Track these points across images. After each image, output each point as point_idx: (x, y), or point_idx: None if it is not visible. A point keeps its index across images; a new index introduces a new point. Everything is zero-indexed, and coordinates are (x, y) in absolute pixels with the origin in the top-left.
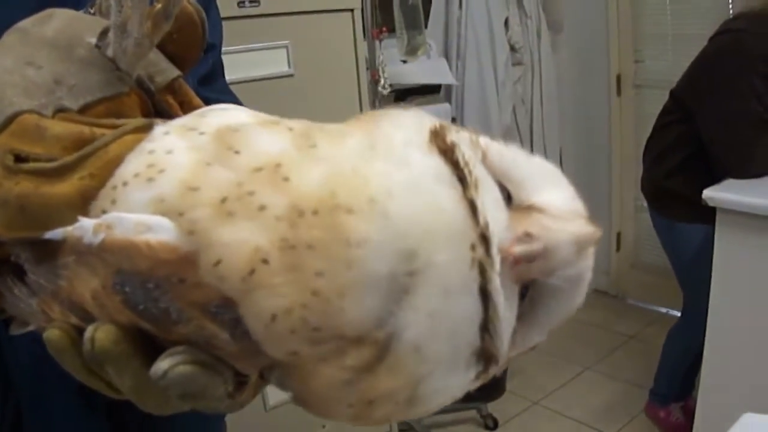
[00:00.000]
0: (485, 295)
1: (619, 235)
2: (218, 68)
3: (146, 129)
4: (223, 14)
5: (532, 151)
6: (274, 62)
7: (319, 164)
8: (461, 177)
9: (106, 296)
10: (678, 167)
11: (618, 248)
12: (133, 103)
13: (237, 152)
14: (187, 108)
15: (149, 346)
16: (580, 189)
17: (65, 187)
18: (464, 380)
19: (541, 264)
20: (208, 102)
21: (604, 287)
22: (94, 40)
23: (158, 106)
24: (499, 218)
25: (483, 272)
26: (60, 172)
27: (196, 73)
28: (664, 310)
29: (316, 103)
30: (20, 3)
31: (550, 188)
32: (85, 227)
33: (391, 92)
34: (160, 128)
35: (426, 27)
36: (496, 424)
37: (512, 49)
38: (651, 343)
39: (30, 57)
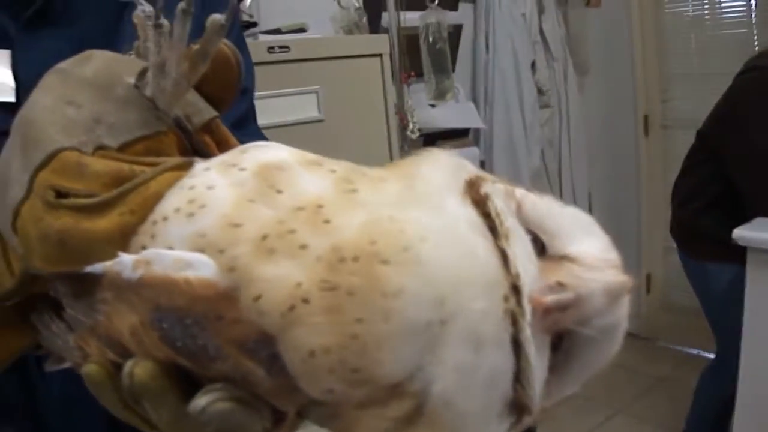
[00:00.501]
0: (517, 345)
1: (648, 276)
2: (251, 112)
3: (186, 167)
4: (253, 60)
5: (561, 193)
6: (305, 107)
7: (359, 210)
8: (492, 227)
9: (144, 332)
10: (707, 207)
11: (648, 290)
12: (171, 142)
13: (279, 191)
14: (223, 148)
15: (186, 382)
16: (608, 231)
17: (105, 223)
18: (499, 428)
19: (574, 313)
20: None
21: (634, 330)
22: (133, 80)
23: (196, 145)
24: (529, 269)
25: (515, 322)
26: (100, 208)
27: (230, 116)
28: (695, 351)
29: (346, 147)
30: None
31: (584, 238)
32: (125, 263)
33: (419, 136)
34: (201, 165)
35: (453, 71)
36: None
37: (539, 91)
38: (683, 386)
39: (70, 96)
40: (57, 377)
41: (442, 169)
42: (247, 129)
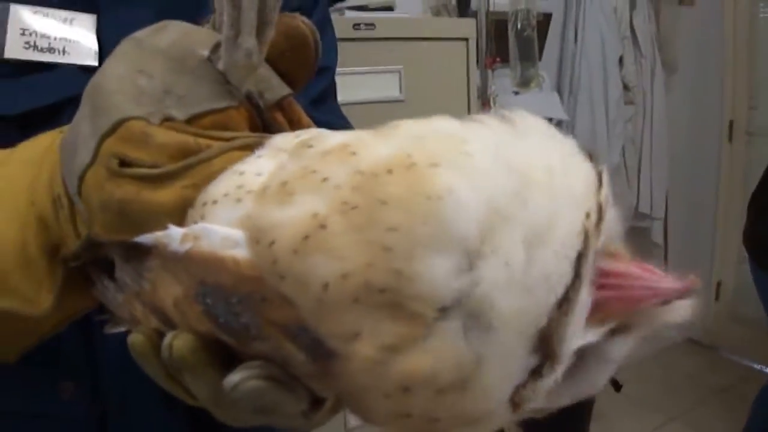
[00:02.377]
0: (578, 266)
1: (719, 284)
2: (331, 90)
3: (252, 147)
4: (338, 35)
5: (638, 192)
6: (386, 86)
7: (394, 139)
8: (591, 157)
9: (187, 305)
10: None
11: (717, 297)
12: (242, 118)
13: (310, 146)
14: (295, 126)
15: (227, 358)
16: (683, 234)
17: (167, 195)
18: (519, 369)
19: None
20: (318, 123)
21: (698, 337)
22: (206, 53)
23: (267, 122)
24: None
25: (586, 242)
26: (163, 180)
27: (308, 94)
28: (758, 366)
29: None
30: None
31: None
32: (173, 235)
33: None
34: (257, 151)
35: (540, 59)
36: None
37: (625, 87)
38: (742, 400)
39: (142, 66)
40: (116, 340)
41: (550, 129)
42: (326, 107)
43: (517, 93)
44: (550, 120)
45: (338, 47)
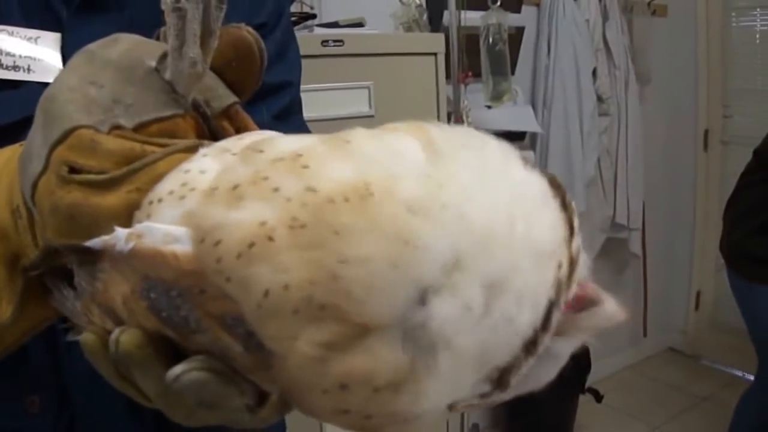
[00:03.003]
0: (548, 314)
1: (698, 294)
2: (295, 105)
3: (194, 150)
4: (306, 52)
5: (615, 203)
6: (356, 102)
7: (349, 159)
8: (564, 203)
9: (134, 301)
10: (759, 229)
11: (697, 307)
12: (188, 126)
13: (261, 151)
14: (243, 133)
15: (174, 355)
16: (661, 245)
17: (113, 199)
18: (471, 393)
19: (581, 320)
20: None
21: (679, 346)
22: (154, 63)
23: (214, 130)
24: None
25: (558, 292)
26: (109, 185)
27: (272, 108)
28: (740, 373)
29: None
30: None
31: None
32: (119, 236)
33: None
34: (202, 150)
35: (513, 73)
36: None
37: (599, 99)
38: (725, 407)
39: (93, 77)
40: (81, 352)
41: (477, 137)
42: (290, 121)
43: (489, 107)
44: (524, 134)
45: (307, 64)
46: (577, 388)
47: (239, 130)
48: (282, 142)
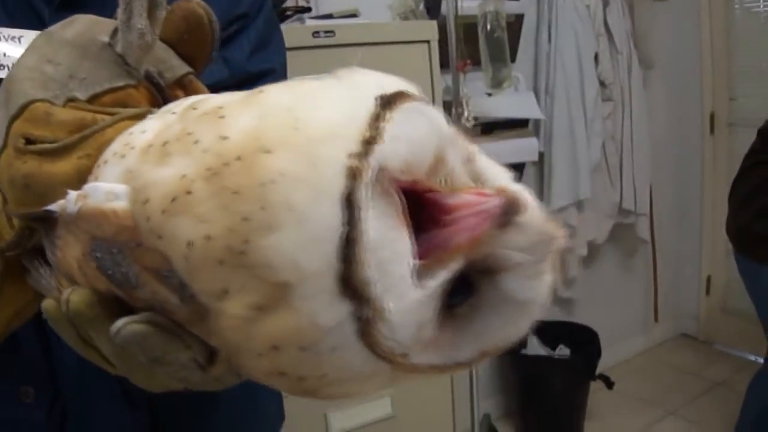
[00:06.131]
0: (350, 206)
1: (709, 278)
2: None
3: (142, 116)
4: (297, 44)
5: (621, 188)
6: None
7: (255, 106)
8: (388, 97)
9: (85, 263)
10: (765, 209)
11: (707, 292)
12: (141, 96)
13: (194, 109)
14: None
15: (127, 314)
16: (670, 230)
17: (65, 166)
18: (335, 314)
19: (500, 230)
20: None
21: (691, 332)
22: (107, 39)
23: (169, 100)
24: (423, 155)
25: (352, 178)
26: (61, 152)
27: None
28: (753, 357)
29: None
30: None
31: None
32: (70, 199)
33: (476, 125)
34: (150, 115)
35: (514, 61)
36: None
37: (602, 84)
38: (738, 391)
39: (50, 55)
40: None
41: (371, 76)
42: None
43: (490, 94)
44: (527, 120)
45: (300, 56)
46: (588, 375)
47: None
48: (213, 99)
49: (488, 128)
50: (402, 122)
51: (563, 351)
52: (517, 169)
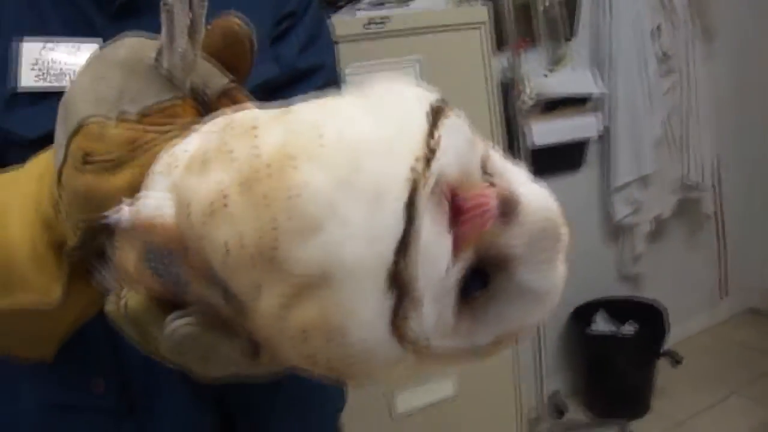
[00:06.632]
0: (410, 211)
1: None
2: (331, 86)
3: (188, 129)
4: (349, 33)
5: (686, 164)
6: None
7: (284, 121)
8: (433, 109)
9: (141, 268)
10: None
11: None
12: (187, 109)
13: (232, 127)
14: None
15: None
16: (736, 205)
17: (120, 179)
18: (379, 307)
19: (504, 227)
20: None
21: (757, 305)
22: (153, 58)
23: (213, 111)
24: (467, 159)
25: (414, 188)
26: (116, 167)
27: (304, 92)
28: None
29: None
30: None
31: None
32: (125, 210)
33: (536, 104)
34: (194, 131)
35: (573, 36)
36: None
37: (663, 57)
38: None
39: (102, 74)
40: None
41: (406, 90)
42: None
43: (548, 74)
44: (587, 97)
45: (353, 46)
46: (655, 352)
47: (238, 109)
48: (250, 115)
49: (549, 106)
50: (450, 136)
51: (630, 328)
52: (580, 146)
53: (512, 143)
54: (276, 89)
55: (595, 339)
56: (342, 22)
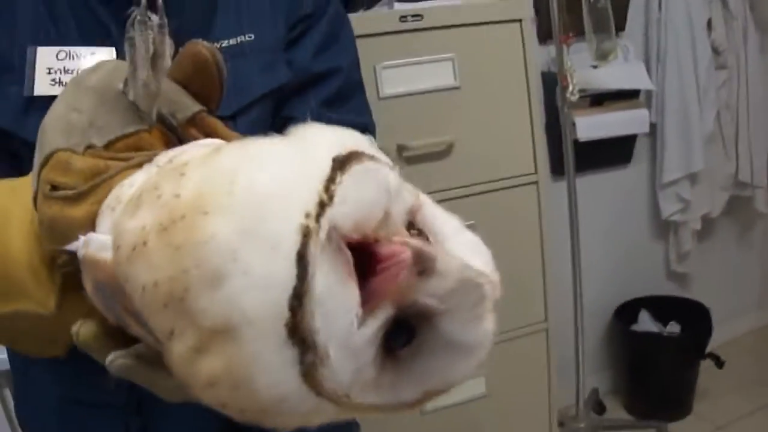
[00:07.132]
0: (303, 261)
1: None
2: (348, 90)
3: (149, 161)
4: (384, 29)
5: (737, 161)
6: (440, 75)
7: (205, 168)
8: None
9: (96, 298)
10: None
11: None
12: (154, 138)
13: (170, 162)
14: (213, 138)
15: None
16: None
17: (80, 211)
18: (282, 358)
19: (424, 278)
20: (333, 122)
21: None
22: (120, 87)
23: (183, 138)
24: (372, 212)
25: (307, 237)
26: (77, 199)
27: (319, 96)
28: None
29: (482, 116)
30: None
31: (468, 252)
32: (80, 243)
33: (584, 97)
34: (146, 164)
35: (624, 29)
36: None
37: (715, 51)
38: None
39: (75, 104)
40: None
41: (325, 136)
42: (343, 106)
43: (595, 67)
44: (637, 91)
45: (388, 41)
46: (698, 353)
47: (209, 135)
48: (189, 152)
49: (598, 100)
50: (353, 184)
51: (674, 327)
52: (629, 141)
53: (558, 137)
54: (290, 94)
55: (638, 337)
56: (378, 15)
